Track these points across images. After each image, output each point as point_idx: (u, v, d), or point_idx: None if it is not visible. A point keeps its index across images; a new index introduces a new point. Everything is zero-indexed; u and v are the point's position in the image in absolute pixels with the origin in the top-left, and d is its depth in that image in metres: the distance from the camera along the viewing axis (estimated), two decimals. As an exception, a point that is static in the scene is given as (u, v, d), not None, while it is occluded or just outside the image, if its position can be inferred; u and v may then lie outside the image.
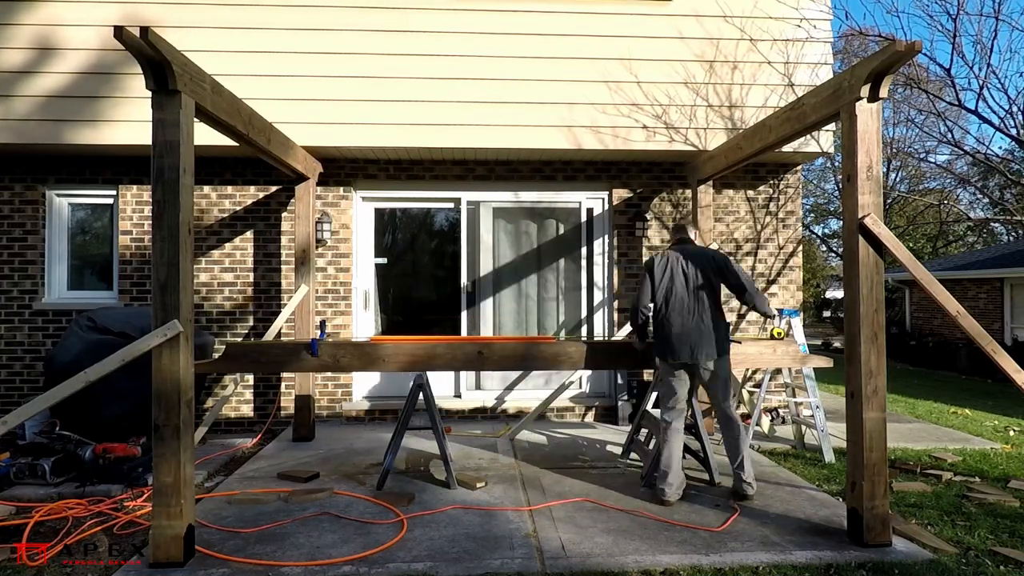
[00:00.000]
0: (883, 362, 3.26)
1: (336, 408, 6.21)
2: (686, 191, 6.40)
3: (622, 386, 6.32)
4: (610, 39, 5.76)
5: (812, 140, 5.73)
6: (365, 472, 4.52)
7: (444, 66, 5.66)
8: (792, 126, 3.98)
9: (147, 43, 2.82)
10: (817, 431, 5.01)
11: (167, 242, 3.04)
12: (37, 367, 5.92)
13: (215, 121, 3.62)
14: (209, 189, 6.10)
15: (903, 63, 3.21)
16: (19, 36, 5.49)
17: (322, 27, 5.61)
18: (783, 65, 5.89)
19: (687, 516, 3.63)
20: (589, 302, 6.56)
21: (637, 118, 5.78)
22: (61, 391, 2.80)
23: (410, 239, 6.89)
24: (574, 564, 3.00)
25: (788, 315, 5.30)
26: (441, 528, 3.44)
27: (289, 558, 3.06)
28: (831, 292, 29.53)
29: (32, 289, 5.98)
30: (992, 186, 19.87)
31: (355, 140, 5.67)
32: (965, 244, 24.09)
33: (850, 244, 3.34)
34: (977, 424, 6.76)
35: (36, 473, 4.09)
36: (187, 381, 3.09)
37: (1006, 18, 7.30)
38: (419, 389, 4.23)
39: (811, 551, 3.14)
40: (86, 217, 6.32)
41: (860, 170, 3.27)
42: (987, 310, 13.26)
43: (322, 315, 6.10)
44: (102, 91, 5.48)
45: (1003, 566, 3.05)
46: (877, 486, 3.20)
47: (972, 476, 4.56)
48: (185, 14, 5.53)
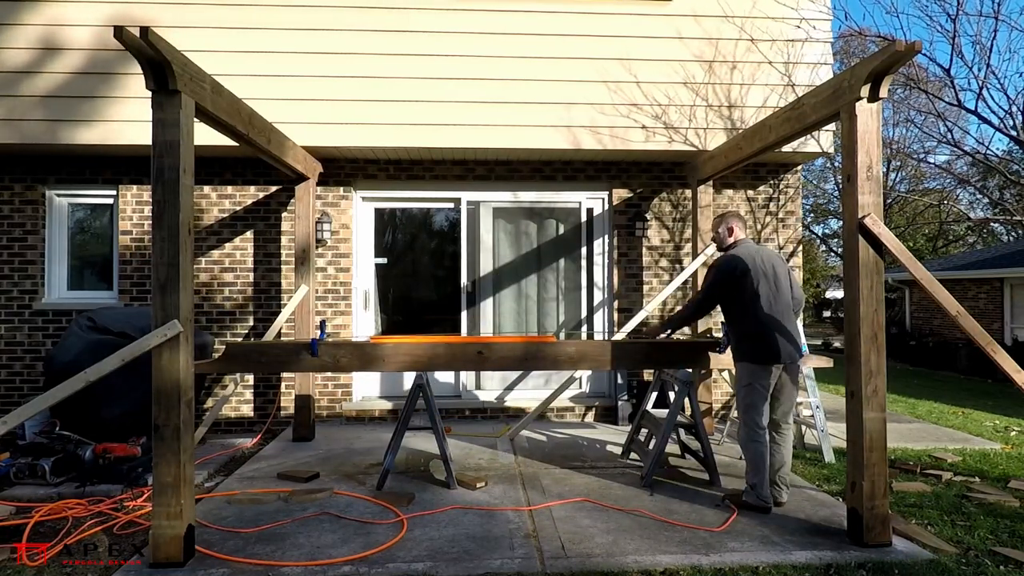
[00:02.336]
0: (883, 362, 3.26)
1: (336, 408, 6.21)
2: (686, 191, 6.40)
3: (622, 386, 6.32)
4: (609, 39, 5.76)
5: (812, 140, 5.73)
6: (365, 472, 4.52)
7: (444, 66, 5.66)
8: (792, 126, 3.98)
9: (147, 43, 2.82)
10: (817, 431, 5.01)
11: (167, 242, 3.04)
12: (37, 367, 5.92)
13: (215, 121, 3.62)
14: (209, 189, 6.10)
15: (903, 63, 3.21)
16: (21, 36, 5.49)
17: (322, 27, 5.61)
18: (783, 65, 5.89)
19: (687, 516, 3.63)
20: (589, 302, 6.56)
21: (636, 118, 5.78)
22: (61, 391, 2.80)
23: (410, 239, 6.89)
24: (574, 564, 3.00)
25: (788, 315, 5.29)
26: (441, 528, 3.44)
27: (289, 558, 3.06)
28: (831, 292, 29.54)
29: (32, 289, 5.98)
30: (992, 186, 19.87)
31: (355, 140, 5.68)
32: (965, 244, 24.09)
33: (850, 244, 3.34)
34: (977, 424, 6.77)
35: (36, 473, 4.09)
36: (187, 381, 3.09)
37: (1005, 18, 7.30)
38: (419, 389, 4.23)
39: (811, 551, 3.14)
40: (86, 217, 6.32)
41: (860, 170, 3.28)
42: (987, 310, 13.26)
43: (322, 315, 6.10)
44: (103, 91, 5.48)
45: (1003, 566, 3.05)
46: (877, 486, 3.20)
47: (972, 476, 4.56)
48: (185, 14, 5.53)
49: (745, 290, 3.73)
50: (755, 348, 3.72)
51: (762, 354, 3.70)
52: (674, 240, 6.41)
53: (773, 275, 3.77)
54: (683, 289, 6.29)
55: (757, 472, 3.70)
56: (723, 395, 6.43)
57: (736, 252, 3.84)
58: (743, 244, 3.92)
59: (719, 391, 6.40)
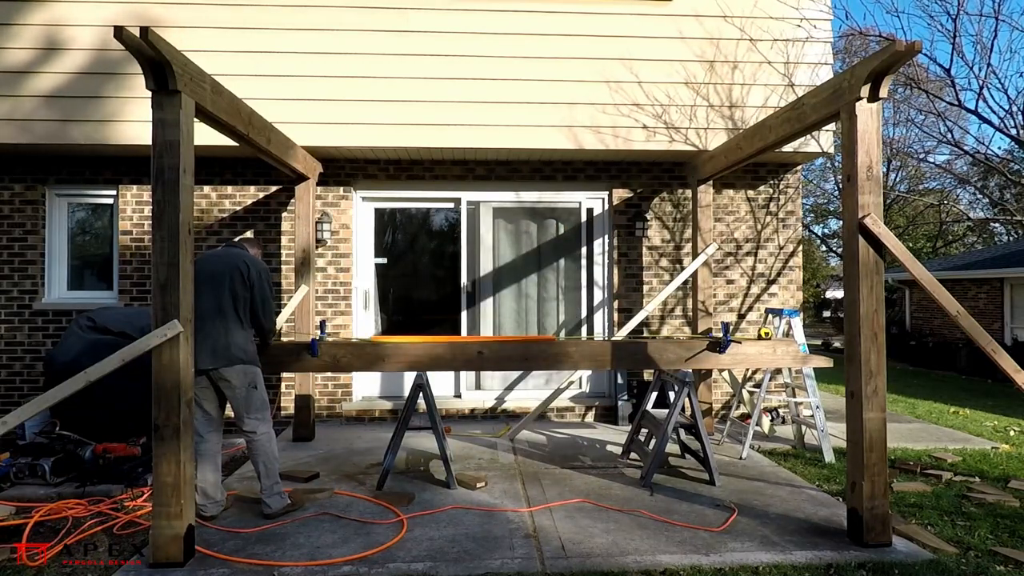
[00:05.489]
0: (883, 362, 3.26)
1: (336, 408, 6.21)
2: (686, 191, 6.40)
3: (622, 386, 6.32)
4: (610, 39, 5.75)
5: (812, 140, 5.73)
6: (365, 472, 4.52)
7: (444, 66, 5.66)
8: (792, 126, 3.98)
9: (147, 43, 2.82)
10: (817, 431, 5.01)
11: (167, 242, 3.04)
12: (37, 367, 5.92)
13: (215, 121, 3.62)
14: (209, 189, 6.10)
15: (903, 63, 3.21)
16: (22, 36, 5.49)
17: (322, 27, 5.61)
18: (783, 65, 5.89)
19: (687, 516, 3.63)
20: (589, 302, 6.56)
21: (637, 118, 5.78)
22: (61, 391, 2.80)
23: (410, 239, 6.89)
24: (574, 564, 3.00)
25: (788, 315, 5.30)
26: (441, 528, 3.45)
27: (289, 558, 3.06)
28: (831, 292, 29.51)
29: (32, 289, 5.98)
30: (992, 186, 19.88)
31: (355, 140, 5.68)
32: (965, 244, 24.09)
33: (850, 244, 3.34)
34: (977, 424, 6.77)
35: (36, 473, 4.09)
36: (187, 381, 3.09)
37: (1006, 18, 7.31)
38: (419, 389, 4.23)
39: (811, 551, 3.14)
40: (86, 217, 6.32)
41: (860, 170, 3.27)
42: (987, 310, 13.26)
43: (322, 315, 6.10)
44: (103, 90, 5.48)
45: (1003, 566, 3.05)
46: (877, 486, 3.20)
47: (972, 476, 4.56)
48: (185, 14, 5.53)
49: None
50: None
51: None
52: (674, 240, 6.40)
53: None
54: (683, 289, 6.30)
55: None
56: (723, 395, 6.44)
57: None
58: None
59: (719, 391, 6.40)
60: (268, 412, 3.71)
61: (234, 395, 3.58)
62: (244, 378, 3.57)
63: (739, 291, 6.44)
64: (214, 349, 3.50)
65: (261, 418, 3.65)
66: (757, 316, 6.41)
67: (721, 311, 6.37)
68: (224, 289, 3.55)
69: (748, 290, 6.44)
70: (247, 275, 3.60)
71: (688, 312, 6.35)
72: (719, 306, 6.38)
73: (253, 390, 3.62)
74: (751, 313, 6.42)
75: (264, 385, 3.75)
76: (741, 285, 6.44)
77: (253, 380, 3.63)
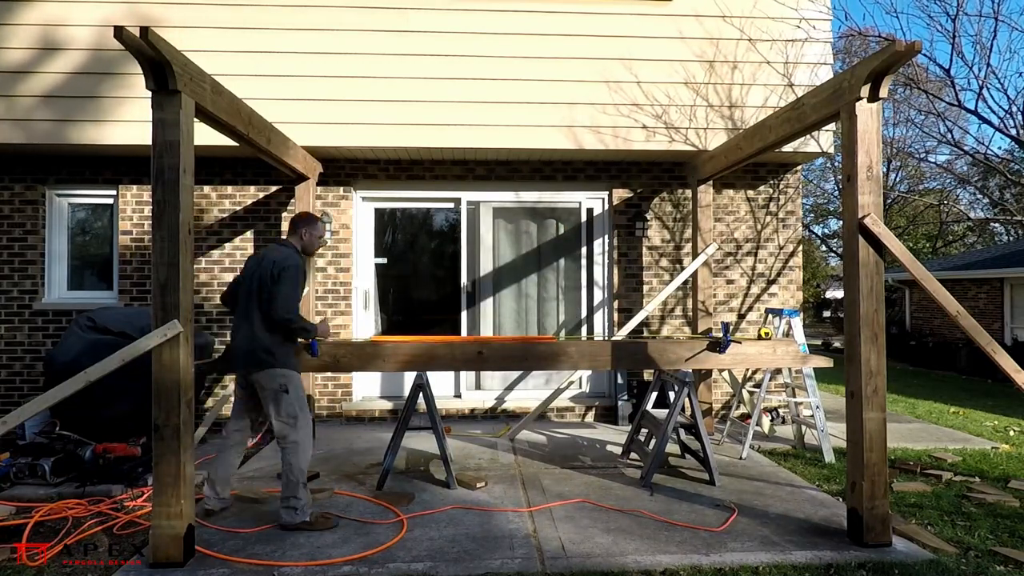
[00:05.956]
0: (883, 362, 3.26)
1: (336, 408, 6.21)
2: (686, 191, 6.40)
3: (622, 386, 6.32)
4: (610, 39, 5.76)
5: (812, 140, 5.73)
6: (365, 472, 4.52)
7: (444, 66, 5.66)
8: (792, 126, 3.98)
9: (147, 43, 2.82)
10: (817, 431, 5.01)
11: (167, 242, 3.04)
12: (37, 367, 5.91)
13: (215, 121, 3.62)
14: (209, 189, 6.10)
15: (903, 63, 3.21)
16: (21, 35, 5.49)
17: (322, 27, 5.61)
18: (783, 65, 5.89)
19: (687, 516, 3.63)
20: (589, 302, 6.56)
21: (637, 118, 5.78)
22: (61, 391, 2.80)
23: (410, 239, 6.89)
24: (574, 564, 3.00)
25: (788, 315, 5.30)
26: (441, 528, 3.44)
27: (289, 558, 3.06)
28: (831, 292, 29.52)
29: (32, 289, 5.98)
30: (992, 186, 19.88)
31: (355, 140, 5.68)
32: (965, 244, 24.09)
33: (850, 244, 3.34)
34: (977, 424, 6.77)
35: (36, 473, 4.08)
36: (187, 381, 3.09)
37: (1006, 18, 7.31)
38: (419, 389, 4.23)
39: (811, 551, 3.14)
40: (86, 217, 6.32)
41: (860, 170, 3.27)
42: (987, 310, 13.25)
43: (322, 315, 6.10)
44: (103, 90, 5.48)
45: (1003, 566, 3.05)
46: (877, 486, 3.20)
47: (972, 476, 4.56)
48: (185, 14, 5.53)
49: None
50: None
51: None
52: (674, 240, 6.40)
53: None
54: (683, 289, 6.30)
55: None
56: (723, 395, 6.44)
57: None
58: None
59: (719, 391, 6.40)
60: (301, 420, 3.49)
61: (264, 398, 3.51)
62: (272, 382, 3.47)
63: (739, 291, 6.44)
64: (242, 352, 3.49)
65: (290, 424, 3.45)
66: (757, 316, 6.41)
67: (721, 311, 6.37)
68: (252, 292, 3.53)
69: (748, 290, 6.44)
70: (266, 275, 3.49)
71: (688, 312, 6.36)
72: (719, 306, 6.38)
73: (283, 394, 3.46)
74: (751, 313, 6.42)
75: (301, 391, 3.56)
76: (741, 285, 6.44)
77: (284, 384, 3.47)
